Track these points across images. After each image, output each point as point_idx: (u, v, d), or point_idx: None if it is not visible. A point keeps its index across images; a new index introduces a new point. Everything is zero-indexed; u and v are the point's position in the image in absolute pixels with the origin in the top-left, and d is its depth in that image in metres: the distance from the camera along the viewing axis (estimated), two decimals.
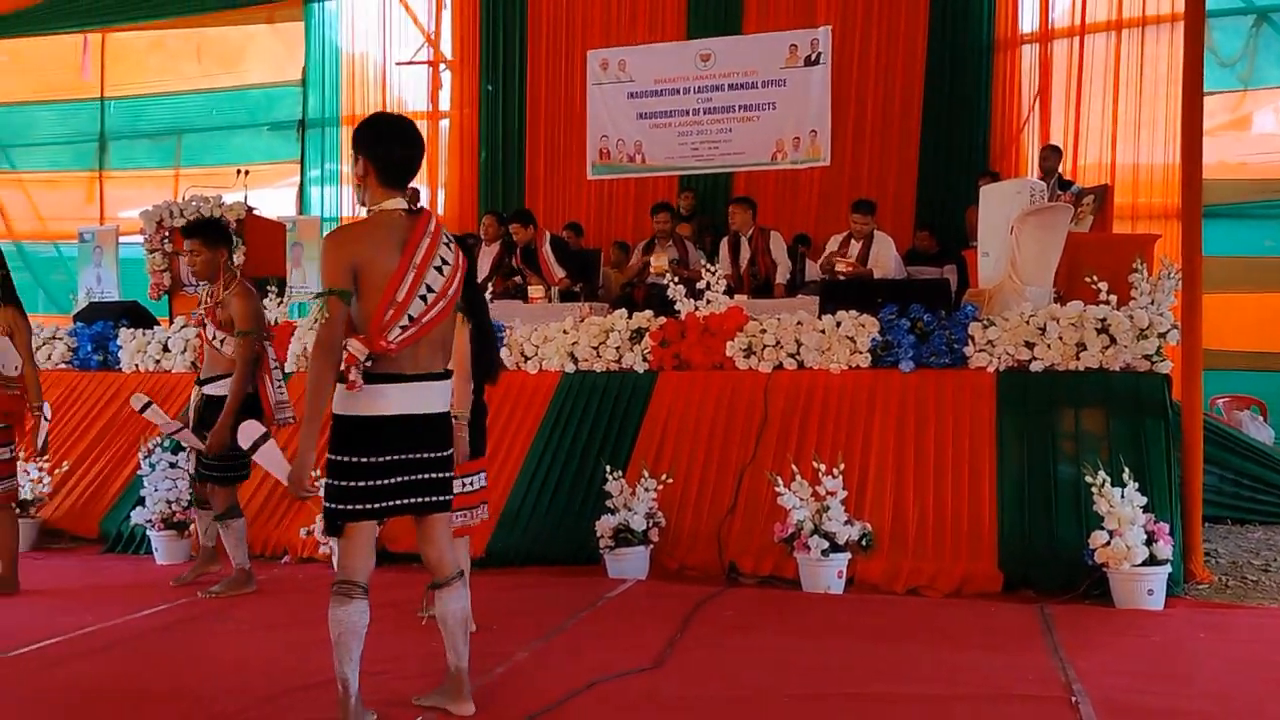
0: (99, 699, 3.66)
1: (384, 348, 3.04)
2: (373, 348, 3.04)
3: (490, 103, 11.32)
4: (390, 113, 3.58)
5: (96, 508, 6.60)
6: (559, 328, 6.57)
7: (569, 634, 4.37)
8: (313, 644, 4.22)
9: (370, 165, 3.14)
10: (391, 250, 3.08)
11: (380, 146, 3.14)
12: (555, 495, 5.90)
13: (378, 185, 3.15)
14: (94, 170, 12.55)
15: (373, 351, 3.04)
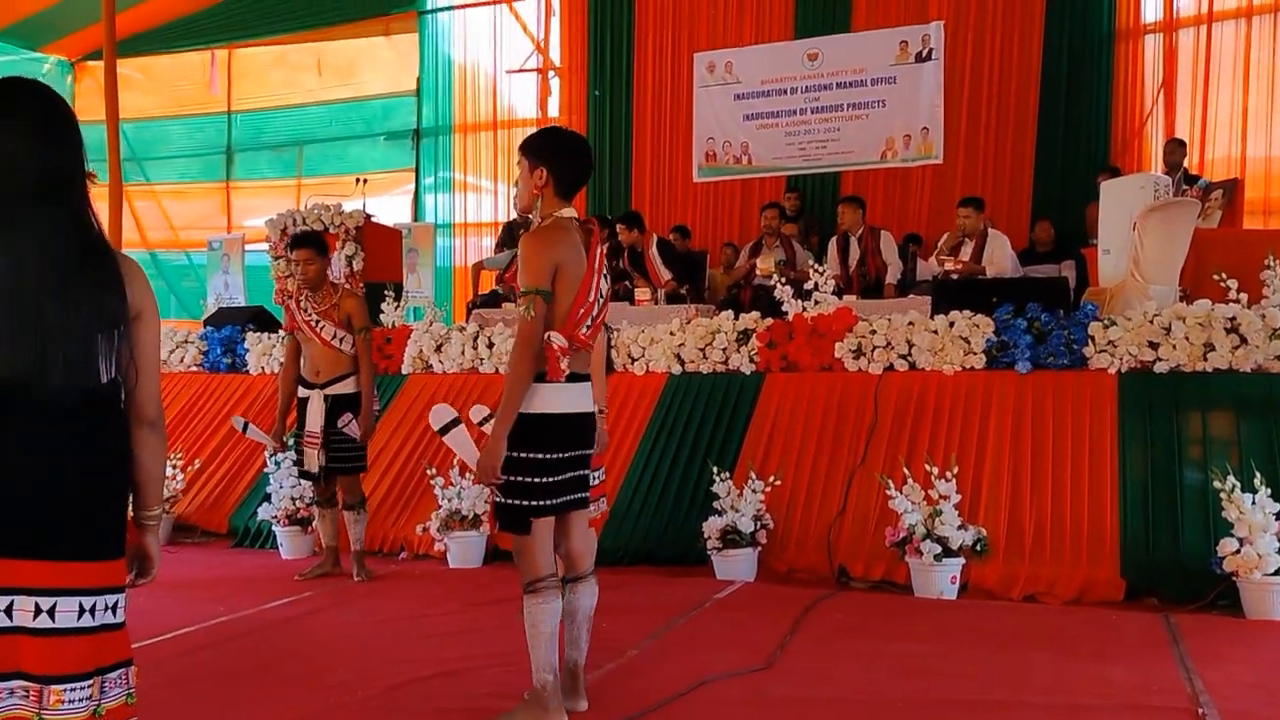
0: (234, 684, 3.84)
1: (583, 341, 3.20)
2: (573, 340, 3.18)
3: (597, 108, 11.46)
4: (567, 128, 3.74)
5: (225, 504, 6.90)
6: (665, 329, 6.61)
7: (678, 633, 4.40)
8: (432, 636, 4.37)
9: (551, 176, 3.24)
10: (581, 254, 3.22)
11: (564, 161, 3.28)
12: (662, 496, 5.94)
13: (554, 195, 3.26)
14: (222, 181, 13.12)
15: (572, 345, 3.18)
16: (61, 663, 1.94)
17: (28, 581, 1.92)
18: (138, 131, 12.82)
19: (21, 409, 1.91)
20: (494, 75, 12.14)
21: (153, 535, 2.17)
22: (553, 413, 3.21)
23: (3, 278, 1.90)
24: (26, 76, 2.09)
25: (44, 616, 1.93)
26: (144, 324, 2.07)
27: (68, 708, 1.94)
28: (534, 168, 3.27)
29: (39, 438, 1.93)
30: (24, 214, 1.93)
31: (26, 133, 1.96)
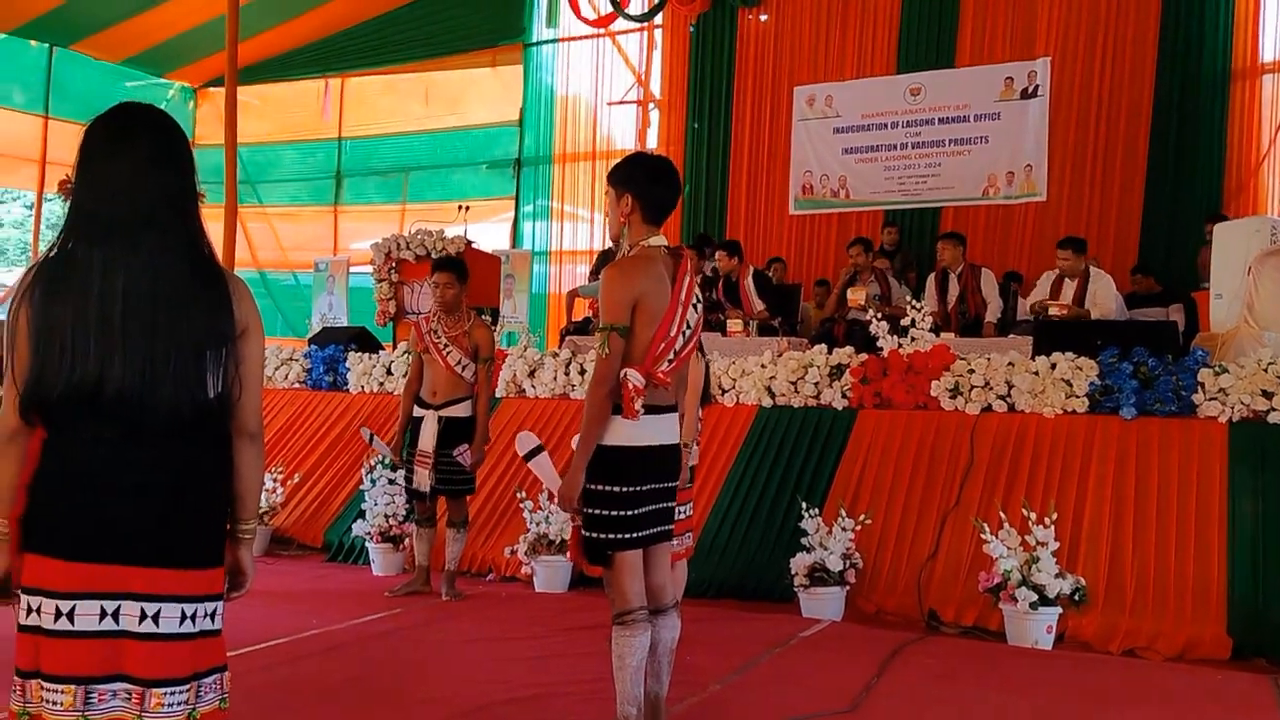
0: (322, 698, 3.92)
1: (661, 379, 3.13)
2: (650, 378, 3.12)
3: (696, 140, 11.53)
4: (650, 153, 3.73)
5: (322, 519, 7.08)
6: (757, 361, 6.59)
7: (762, 670, 4.35)
8: (517, 659, 4.40)
9: (637, 202, 3.21)
10: (665, 285, 3.16)
11: (650, 185, 3.23)
12: (749, 530, 5.90)
13: (641, 222, 3.22)
14: (330, 205, 13.55)
15: (648, 382, 3.12)
16: (162, 667, 2.00)
17: (134, 587, 1.99)
18: (253, 155, 13.31)
19: (133, 422, 1.98)
20: (594, 106, 12.32)
21: (246, 549, 2.21)
22: (631, 445, 3.16)
23: (118, 296, 1.98)
24: (142, 102, 2.18)
25: (148, 622, 1.99)
26: (249, 340, 2.13)
27: (166, 710, 2.00)
28: (620, 195, 3.24)
29: (149, 450, 2.00)
30: (141, 235, 2.01)
31: (144, 157, 2.04)
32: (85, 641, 1.97)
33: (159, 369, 1.99)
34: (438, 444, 5.45)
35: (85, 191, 2.03)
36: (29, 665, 1.98)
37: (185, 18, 11.73)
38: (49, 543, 1.98)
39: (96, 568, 1.97)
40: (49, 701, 1.96)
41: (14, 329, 1.97)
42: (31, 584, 1.98)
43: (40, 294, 1.97)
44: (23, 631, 1.99)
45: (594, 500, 3.16)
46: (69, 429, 1.98)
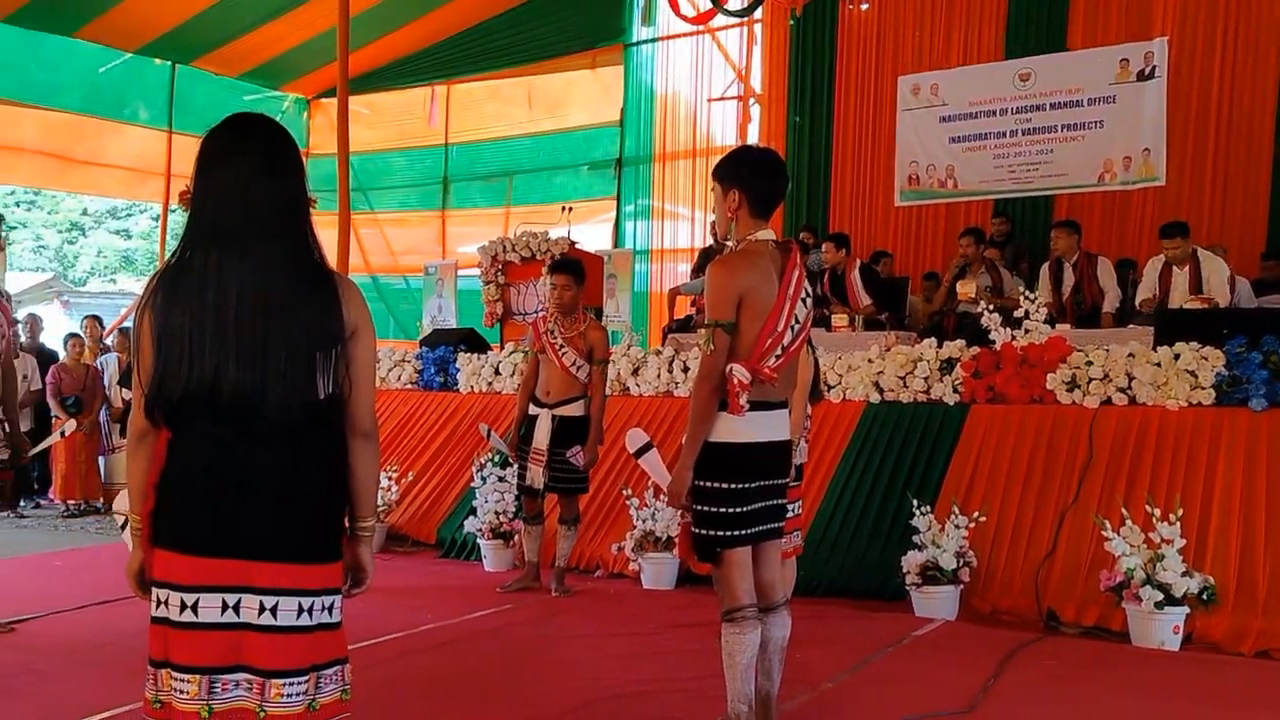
0: (438, 690, 4.02)
1: (767, 375, 3.10)
2: (756, 374, 3.09)
3: (798, 134, 11.42)
4: (756, 145, 3.67)
5: (435, 515, 7.24)
6: (863, 356, 6.49)
7: (875, 669, 4.30)
8: (625, 656, 4.44)
9: (744, 196, 3.16)
10: (772, 280, 3.12)
11: (756, 178, 3.19)
12: (858, 527, 5.82)
13: (749, 216, 3.19)
14: (438, 210, 13.82)
15: (755, 378, 3.10)
16: (281, 658, 2.07)
17: (253, 581, 2.06)
18: (364, 163, 13.66)
19: (248, 423, 2.05)
20: (694, 104, 12.30)
21: (366, 546, 2.26)
22: (740, 442, 3.13)
23: (231, 301, 2.05)
24: (255, 113, 2.27)
25: (267, 614, 2.06)
26: (359, 341, 2.18)
27: (286, 701, 2.07)
28: (727, 190, 3.20)
29: (264, 449, 2.06)
30: (253, 242, 2.08)
31: (258, 165, 2.12)
32: (209, 633, 2.05)
33: (271, 371, 2.05)
34: (551, 442, 5.52)
35: (202, 200, 2.12)
36: (160, 655, 2.08)
37: (298, 31, 12.12)
38: (175, 538, 2.07)
39: (218, 562, 2.05)
40: (177, 690, 2.05)
41: (139, 333, 2.09)
42: (160, 578, 2.08)
43: (161, 300, 2.06)
44: (154, 623, 2.09)
45: (703, 497, 3.15)
46: (189, 429, 2.07)
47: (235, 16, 11.71)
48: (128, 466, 2.18)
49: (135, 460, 2.14)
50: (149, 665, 2.10)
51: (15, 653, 4.52)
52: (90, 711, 3.67)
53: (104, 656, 4.51)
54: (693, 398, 3.16)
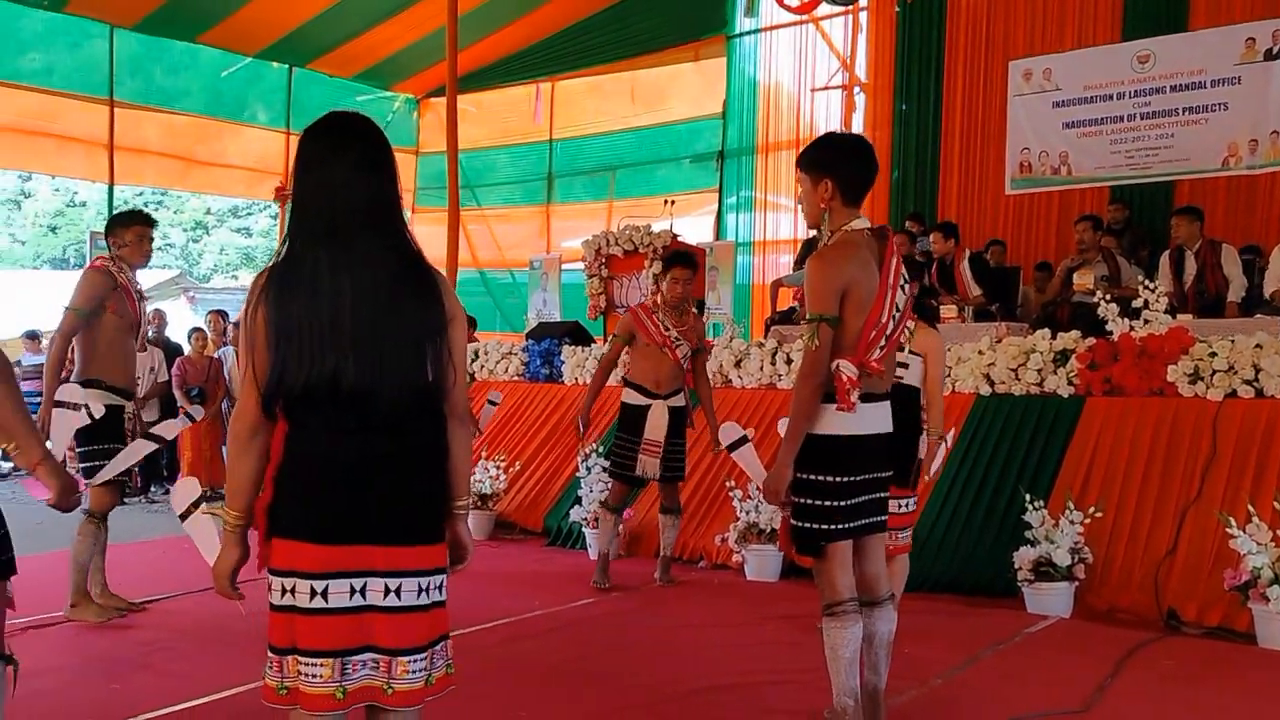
0: (543, 674, 4.09)
1: (874, 368, 3.05)
2: (864, 368, 3.04)
3: (904, 122, 11.22)
4: (844, 132, 3.60)
5: (541, 504, 7.36)
6: (974, 348, 6.36)
7: (986, 665, 4.22)
8: (729, 646, 4.45)
9: (835, 185, 3.08)
10: (872, 271, 3.06)
11: (847, 166, 3.11)
12: (968, 522, 5.72)
13: (842, 205, 3.11)
14: (542, 205, 14.02)
15: (862, 372, 3.04)
16: (407, 637, 2.14)
17: (377, 565, 2.13)
18: (471, 160, 13.92)
19: (366, 413, 2.12)
20: (798, 94, 12.19)
21: (464, 524, 2.35)
22: (845, 435, 3.08)
23: (345, 297, 2.12)
24: (351, 111, 2.32)
25: (392, 596, 2.13)
26: (456, 328, 2.27)
27: (410, 677, 2.15)
28: (818, 180, 3.10)
29: (381, 437, 2.13)
30: (357, 237, 2.15)
31: (356, 162, 2.18)
32: (339, 617, 2.11)
33: (386, 363, 2.12)
34: (669, 432, 5.55)
35: (305, 197, 2.18)
36: (286, 642, 2.12)
37: (407, 32, 12.42)
38: (299, 528, 2.12)
39: (344, 549, 2.11)
40: (307, 675, 2.11)
41: (253, 330, 2.12)
42: (285, 567, 2.12)
43: (274, 297, 2.11)
44: (277, 611, 2.13)
45: (805, 490, 3.10)
46: (309, 422, 2.12)
47: (348, 19, 12.08)
48: (232, 465, 2.19)
49: (244, 458, 2.17)
50: (271, 653, 2.14)
51: (149, 631, 4.76)
52: (221, 688, 3.85)
53: (230, 635, 4.71)
54: (795, 393, 3.11)
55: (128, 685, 3.94)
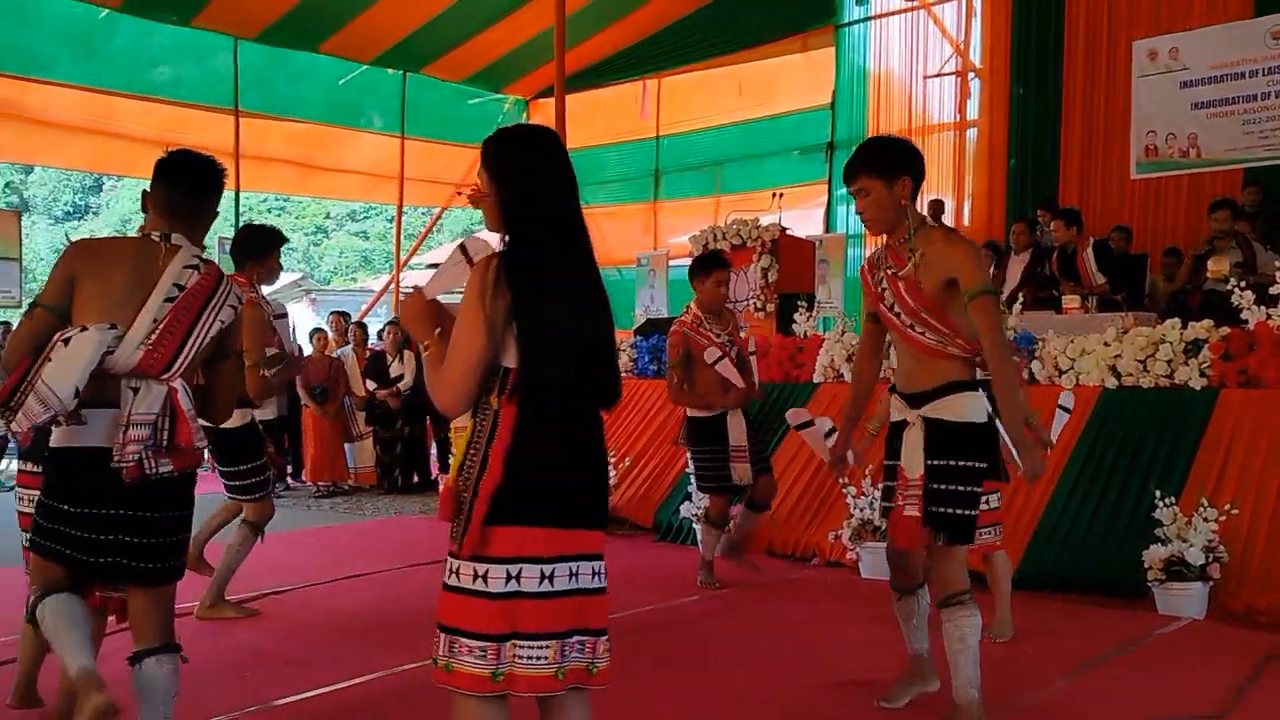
0: (662, 667, 4.10)
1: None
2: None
3: (1021, 107, 10.89)
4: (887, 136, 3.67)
5: (651, 500, 7.38)
6: (1098, 340, 6.12)
7: (1113, 667, 4.07)
8: (842, 644, 4.39)
9: (913, 183, 3.25)
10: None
11: (919, 164, 3.29)
12: (1094, 519, 5.51)
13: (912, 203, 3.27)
14: (649, 201, 14.06)
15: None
16: (603, 617, 2.27)
17: (585, 548, 2.24)
18: (579, 159, 13.72)
19: (588, 406, 2.30)
20: (909, 82, 11.95)
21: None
22: (984, 421, 3.20)
23: (575, 297, 2.27)
24: (539, 125, 2.48)
25: (596, 578, 2.26)
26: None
27: (606, 656, 2.28)
28: (894, 180, 3.21)
29: (590, 428, 2.30)
30: (572, 242, 2.31)
31: (560, 175, 2.33)
32: (562, 600, 2.20)
33: (605, 356, 2.33)
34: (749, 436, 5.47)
35: (528, 196, 2.27)
36: (503, 628, 2.16)
37: (516, 34, 12.61)
38: (532, 514, 2.19)
39: (567, 533, 2.22)
40: (529, 658, 2.17)
41: (492, 313, 2.17)
42: (511, 553, 2.16)
43: (518, 287, 2.18)
44: (495, 599, 2.15)
45: (975, 477, 3.19)
46: (544, 410, 2.21)
47: (459, 23, 12.32)
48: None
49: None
50: (487, 641, 2.15)
51: (279, 621, 4.95)
52: (349, 676, 3.98)
53: (357, 626, 4.88)
54: (1010, 370, 3.15)
55: (259, 675, 4.10)
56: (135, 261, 2.77)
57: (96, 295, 2.73)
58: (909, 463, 3.22)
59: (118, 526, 2.71)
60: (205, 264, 2.86)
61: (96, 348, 2.63)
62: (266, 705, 3.68)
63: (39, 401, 2.61)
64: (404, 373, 9.94)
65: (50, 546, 2.75)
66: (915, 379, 3.26)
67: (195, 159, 2.95)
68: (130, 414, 2.68)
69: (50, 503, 2.75)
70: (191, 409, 2.80)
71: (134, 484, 2.69)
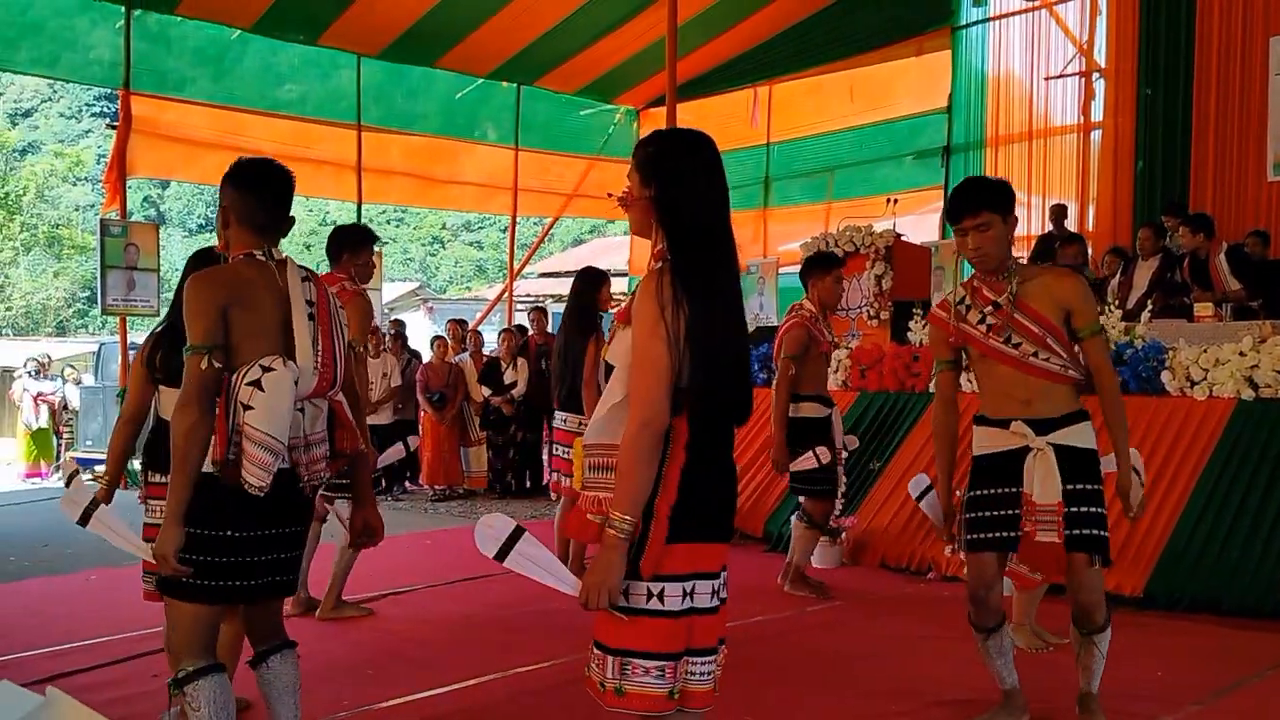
0: (772, 679, 4.07)
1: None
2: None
3: (1149, 108, 10.48)
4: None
5: (762, 509, 7.34)
6: (1233, 349, 5.85)
7: (1254, 692, 3.88)
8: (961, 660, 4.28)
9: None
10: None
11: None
12: (1229, 537, 5.26)
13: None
14: (759, 209, 13.99)
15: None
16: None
17: (726, 562, 2.26)
18: None
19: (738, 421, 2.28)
20: (1029, 84, 11.62)
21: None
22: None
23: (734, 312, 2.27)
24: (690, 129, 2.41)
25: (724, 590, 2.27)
26: None
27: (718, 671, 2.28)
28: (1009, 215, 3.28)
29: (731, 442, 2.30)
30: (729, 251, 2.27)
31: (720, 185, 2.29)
32: (720, 615, 2.24)
33: (746, 375, 2.30)
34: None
35: (683, 208, 2.23)
36: (680, 645, 2.17)
37: (628, 45, 12.73)
38: (705, 530, 2.19)
39: (724, 547, 2.25)
40: (700, 673, 2.21)
41: (675, 328, 2.11)
42: (687, 570, 2.16)
43: (694, 308, 2.14)
44: (675, 617, 2.14)
45: (1104, 501, 3.26)
46: (709, 425, 2.19)
47: (571, 36, 12.50)
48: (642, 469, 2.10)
49: (654, 460, 2.11)
50: (660, 661, 2.14)
51: (398, 622, 5.08)
52: (466, 676, 4.07)
53: (475, 625, 4.99)
54: (1121, 404, 3.30)
55: (381, 672, 4.22)
56: (265, 285, 2.67)
57: (253, 328, 2.62)
58: (1041, 489, 3.18)
59: (289, 544, 2.73)
60: (307, 271, 2.81)
61: (292, 385, 2.58)
62: (386, 703, 3.78)
63: (266, 451, 2.52)
64: (517, 379, 10.11)
65: (219, 585, 2.61)
66: (1035, 408, 3.25)
67: (274, 167, 2.82)
68: (306, 435, 2.69)
69: (225, 534, 2.59)
70: (352, 417, 2.88)
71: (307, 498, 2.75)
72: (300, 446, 2.67)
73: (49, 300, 31.14)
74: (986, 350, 3.29)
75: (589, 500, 2.21)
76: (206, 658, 2.66)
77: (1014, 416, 3.26)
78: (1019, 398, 3.26)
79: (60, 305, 31.63)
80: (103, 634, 4.65)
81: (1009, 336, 3.24)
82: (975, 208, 3.24)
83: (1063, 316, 3.23)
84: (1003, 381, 3.29)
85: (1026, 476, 3.21)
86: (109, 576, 6.04)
